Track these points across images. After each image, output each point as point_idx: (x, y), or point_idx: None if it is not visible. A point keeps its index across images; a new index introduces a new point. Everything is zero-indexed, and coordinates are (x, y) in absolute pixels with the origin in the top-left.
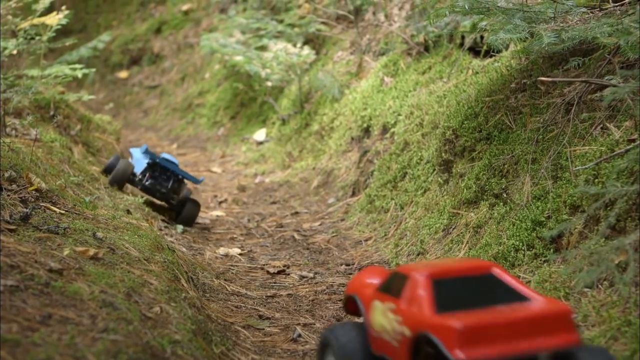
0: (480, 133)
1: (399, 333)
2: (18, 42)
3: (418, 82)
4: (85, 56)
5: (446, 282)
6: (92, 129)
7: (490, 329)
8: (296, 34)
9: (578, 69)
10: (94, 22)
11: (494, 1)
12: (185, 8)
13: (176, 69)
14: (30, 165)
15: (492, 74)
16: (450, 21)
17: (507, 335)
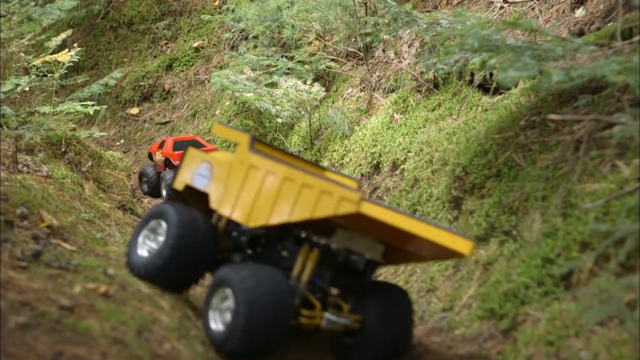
0: (490, 170)
1: (160, 160)
2: (30, 79)
3: (428, 119)
4: (97, 93)
5: (178, 142)
6: (103, 166)
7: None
8: (306, 71)
9: (587, 106)
10: (105, 58)
11: (503, 39)
12: (196, 45)
13: (187, 105)
14: (41, 202)
15: (501, 111)
16: (460, 58)
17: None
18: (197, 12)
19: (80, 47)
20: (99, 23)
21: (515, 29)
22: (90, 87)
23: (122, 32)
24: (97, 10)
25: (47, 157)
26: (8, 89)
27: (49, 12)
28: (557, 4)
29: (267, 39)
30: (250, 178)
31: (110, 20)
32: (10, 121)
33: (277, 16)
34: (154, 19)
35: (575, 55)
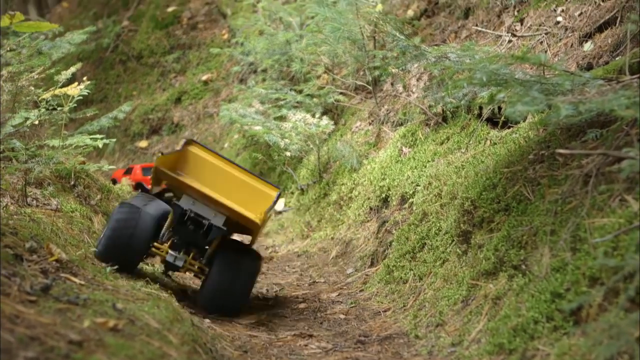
0: (499, 204)
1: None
2: (40, 113)
3: (436, 152)
4: (106, 126)
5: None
6: (112, 199)
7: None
8: (315, 104)
9: (596, 140)
10: (114, 91)
11: (511, 73)
12: (205, 78)
13: (196, 138)
14: (50, 236)
15: (510, 145)
16: (468, 92)
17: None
18: (206, 46)
19: (89, 80)
20: (109, 56)
21: (524, 63)
22: (100, 121)
23: (131, 66)
24: (107, 43)
25: (56, 191)
26: (18, 123)
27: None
28: (565, 38)
29: (276, 72)
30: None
31: (120, 53)
32: (19, 155)
33: (286, 50)
34: (163, 52)
35: (584, 89)
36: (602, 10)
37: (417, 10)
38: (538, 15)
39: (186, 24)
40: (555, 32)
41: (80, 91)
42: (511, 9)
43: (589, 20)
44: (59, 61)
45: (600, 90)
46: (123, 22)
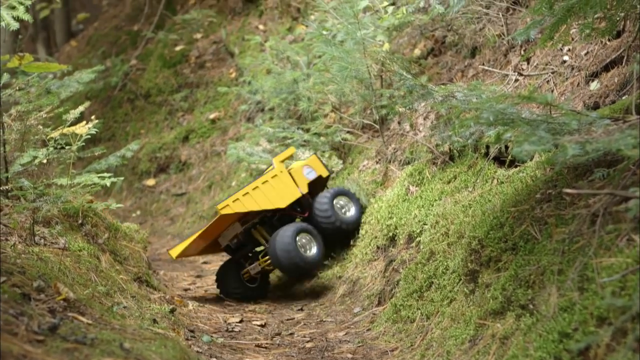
0: (506, 243)
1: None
2: (48, 152)
3: (443, 191)
4: (114, 165)
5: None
6: (120, 238)
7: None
8: (322, 142)
9: (603, 180)
10: (122, 130)
11: (518, 112)
12: (213, 116)
13: (203, 176)
14: (58, 275)
15: (517, 184)
16: (475, 131)
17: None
18: (213, 84)
19: (97, 119)
20: (117, 95)
21: (530, 102)
22: (108, 159)
23: (139, 104)
24: (115, 82)
25: (64, 230)
26: (26, 162)
27: (68, 84)
28: (571, 77)
29: (283, 111)
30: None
31: (128, 92)
32: (27, 193)
33: (293, 89)
34: (170, 90)
35: (591, 129)
36: (609, 49)
37: (423, 49)
38: (544, 54)
39: (194, 62)
40: (561, 71)
41: (88, 130)
42: (518, 48)
43: (595, 60)
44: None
45: (606, 130)
46: (131, 60)
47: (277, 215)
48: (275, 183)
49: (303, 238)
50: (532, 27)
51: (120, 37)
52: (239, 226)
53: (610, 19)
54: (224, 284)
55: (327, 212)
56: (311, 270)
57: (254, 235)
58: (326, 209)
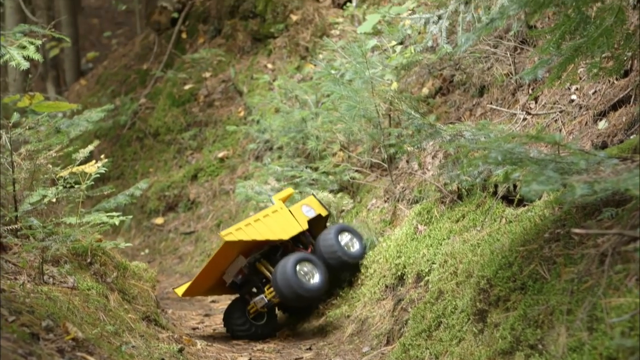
0: (515, 283)
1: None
2: (58, 191)
3: (452, 230)
4: (123, 203)
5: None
6: (128, 276)
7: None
8: (331, 181)
9: (611, 219)
10: (131, 168)
11: (526, 152)
12: (222, 155)
13: (212, 215)
14: (67, 314)
15: (525, 223)
16: (483, 170)
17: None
18: (222, 123)
19: (106, 157)
20: (125, 133)
21: (538, 142)
22: (116, 198)
23: (148, 143)
24: (124, 120)
25: (72, 269)
26: (35, 200)
27: (77, 123)
28: (579, 116)
29: (292, 149)
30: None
31: (137, 130)
32: (37, 233)
33: (302, 127)
34: (179, 129)
35: (599, 168)
36: (616, 88)
37: (432, 88)
38: (552, 93)
39: (203, 101)
40: (569, 110)
41: (97, 169)
42: (525, 87)
43: (603, 99)
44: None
45: (615, 170)
46: (140, 99)
47: (280, 250)
48: (276, 217)
49: (305, 267)
50: (540, 66)
51: (129, 75)
52: (243, 259)
53: (618, 59)
54: (230, 321)
55: (333, 247)
56: (314, 299)
57: (258, 269)
58: (331, 244)
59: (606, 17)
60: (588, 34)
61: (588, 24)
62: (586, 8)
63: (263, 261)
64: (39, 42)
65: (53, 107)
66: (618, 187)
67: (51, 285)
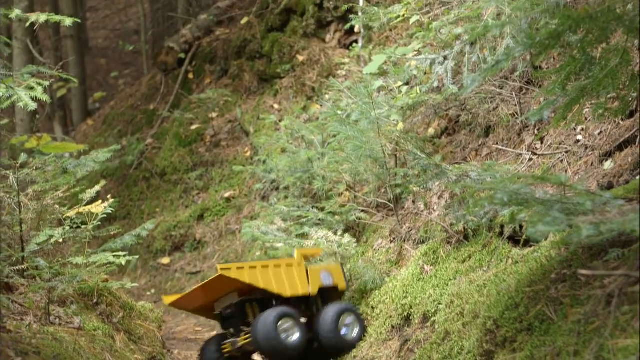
0: (522, 324)
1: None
2: (64, 231)
3: (458, 270)
4: (129, 244)
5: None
6: (135, 317)
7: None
8: (337, 221)
9: (618, 260)
10: (137, 208)
11: (532, 192)
12: (228, 195)
13: (218, 255)
14: (73, 355)
15: (532, 264)
16: (489, 210)
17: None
18: (228, 163)
19: (113, 197)
20: (132, 173)
21: (544, 182)
22: (123, 238)
23: (154, 183)
24: (131, 160)
25: (79, 309)
26: (42, 241)
27: (84, 164)
28: (585, 157)
29: (298, 190)
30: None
31: (143, 170)
32: (43, 273)
33: (308, 167)
34: (186, 169)
35: (605, 209)
36: (622, 129)
37: (437, 129)
38: (558, 133)
39: (209, 141)
40: (575, 150)
41: (104, 209)
42: (531, 127)
43: (608, 139)
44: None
45: (621, 210)
46: (147, 139)
47: (279, 302)
48: (287, 271)
49: (286, 323)
50: (546, 107)
51: (136, 116)
52: (236, 296)
53: (623, 99)
54: (204, 351)
55: (331, 332)
56: (292, 356)
57: (245, 310)
58: (330, 328)
59: (611, 59)
60: (593, 75)
61: (593, 65)
62: (591, 49)
63: (254, 304)
64: (47, 83)
65: (60, 148)
66: (624, 228)
67: (57, 326)
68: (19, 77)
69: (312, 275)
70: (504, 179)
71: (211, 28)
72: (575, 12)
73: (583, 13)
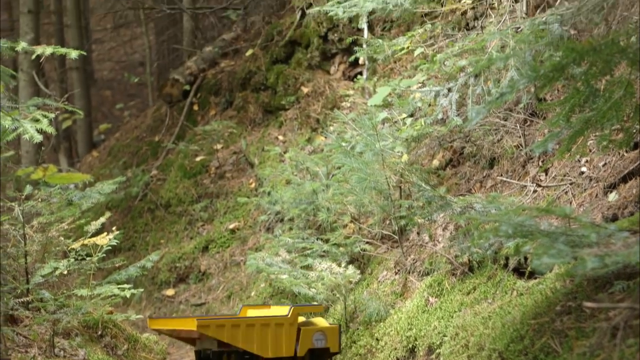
0: (527, 356)
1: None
2: (69, 263)
3: (463, 302)
4: (134, 275)
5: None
6: (139, 349)
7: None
8: (341, 253)
9: (623, 292)
10: (142, 240)
11: (536, 224)
12: (232, 226)
13: (222, 287)
14: None
15: (537, 296)
16: (494, 242)
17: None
18: (233, 195)
19: (118, 229)
20: (137, 205)
21: (549, 214)
22: (128, 270)
23: (159, 214)
24: (135, 192)
25: (83, 341)
26: (47, 273)
27: (89, 195)
28: (590, 188)
29: (303, 221)
30: None
31: (148, 202)
32: (48, 305)
33: (313, 199)
34: (190, 201)
35: (610, 241)
36: (626, 160)
37: (442, 160)
38: (562, 165)
39: (214, 173)
40: (579, 182)
41: (109, 241)
42: (536, 159)
43: (613, 171)
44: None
45: (625, 243)
46: (152, 171)
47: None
48: (275, 331)
49: None
50: (550, 139)
51: (141, 147)
52: (216, 345)
53: (627, 131)
54: None
55: None
56: None
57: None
58: None
59: (615, 91)
60: (597, 107)
61: (597, 97)
62: (595, 81)
63: (232, 356)
64: (52, 115)
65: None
66: (629, 261)
67: (62, 358)
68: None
69: (303, 336)
70: (508, 211)
71: (216, 60)
72: (579, 45)
73: (587, 46)
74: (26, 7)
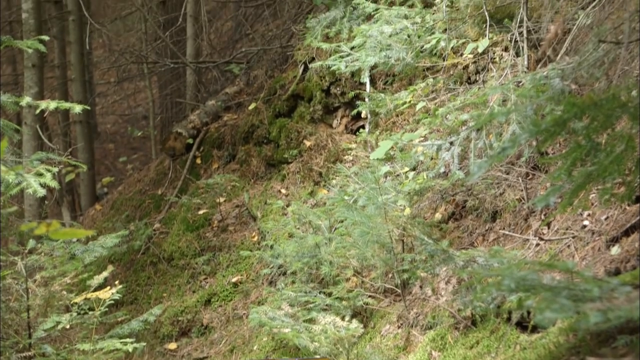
0: None
1: None
2: (72, 317)
3: (466, 356)
4: (136, 329)
5: None
6: None
7: None
8: (344, 307)
9: (626, 347)
10: (145, 293)
11: (539, 278)
12: (235, 280)
13: (225, 340)
14: None
15: (540, 350)
16: (497, 296)
17: None
18: (236, 248)
19: (120, 282)
20: (139, 258)
21: (552, 269)
22: (130, 324)
23: (161, 267)
24: (138, 245)
25: None
26: (49, 327)
27: (92, 249)
28: (592, 242)
29: (305, 275)
30: None
31: (151, 255)
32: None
33: (315, 253)
34: (193, 254)
35: (612, 295)
36: (628, 214)
37: (444, 214)
38: (565, 219)
39: (217, 226)
40: (582, 235)
41: (111, 295)
42: (538, 212)
43: (615, 224)
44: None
45: (628, 297)
46: (155, 224)
47: None
48: None
49: None
50: (552, 193)
51: (144, 200)
52: None
53: (629, 185)
54: None
55: None
56: None
57: None
58: None
59: (617, 145)
60: (599, 161)
61: (599, 152)
62: (597, 136)
63: None
64: (56, 169)
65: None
66: (632, 315)
67: None
68: (29, 163)
69: None
70: (511, 265)
71: (219, 113)
72: (580, 100)
73: (588, 100)
74: (30, 61)
